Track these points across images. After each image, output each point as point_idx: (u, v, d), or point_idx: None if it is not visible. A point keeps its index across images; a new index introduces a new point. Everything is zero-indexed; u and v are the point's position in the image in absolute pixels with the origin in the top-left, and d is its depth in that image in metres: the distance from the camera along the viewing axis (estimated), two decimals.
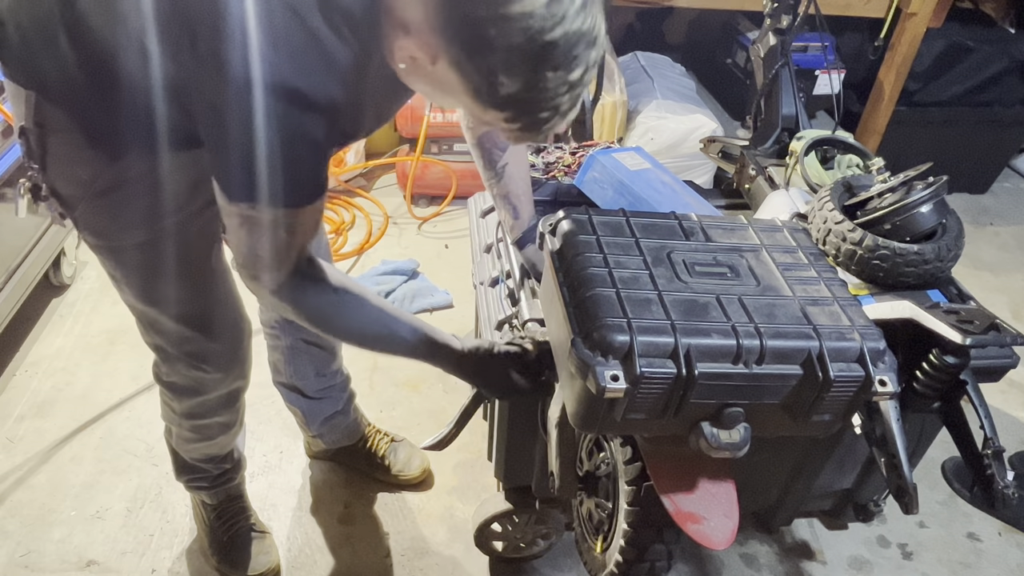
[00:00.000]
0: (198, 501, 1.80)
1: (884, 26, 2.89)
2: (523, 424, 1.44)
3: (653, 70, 3.26)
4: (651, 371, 0.94)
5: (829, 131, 1.74)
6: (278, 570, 1.79)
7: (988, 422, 1.14)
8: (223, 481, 1.74)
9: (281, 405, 1.92)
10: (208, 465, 1.69)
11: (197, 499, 1.80)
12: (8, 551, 1.79)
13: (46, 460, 1.99)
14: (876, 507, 1.55)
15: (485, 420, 1.87)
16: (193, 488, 1.76)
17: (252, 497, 1.86)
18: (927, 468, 2.05)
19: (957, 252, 1.29)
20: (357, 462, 2.00)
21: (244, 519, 1.79)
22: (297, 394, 1.83)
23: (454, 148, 3.03)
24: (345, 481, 2.00)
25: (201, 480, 1.72)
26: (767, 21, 1.90)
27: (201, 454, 1.66)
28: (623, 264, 1.06)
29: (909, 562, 1.91)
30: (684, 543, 1.18)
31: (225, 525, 1.77)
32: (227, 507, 1.78)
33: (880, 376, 0.98)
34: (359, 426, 1.98)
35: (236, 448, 1.74)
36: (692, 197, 1.61)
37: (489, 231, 1.70)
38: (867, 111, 3.21)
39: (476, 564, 1.82)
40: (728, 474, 1.10)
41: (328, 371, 1.82)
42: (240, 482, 1.80)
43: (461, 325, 2.50)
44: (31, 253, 2.24)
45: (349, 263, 2.79)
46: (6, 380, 2.21)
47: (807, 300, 1.04)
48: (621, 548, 1.21)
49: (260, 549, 1.77)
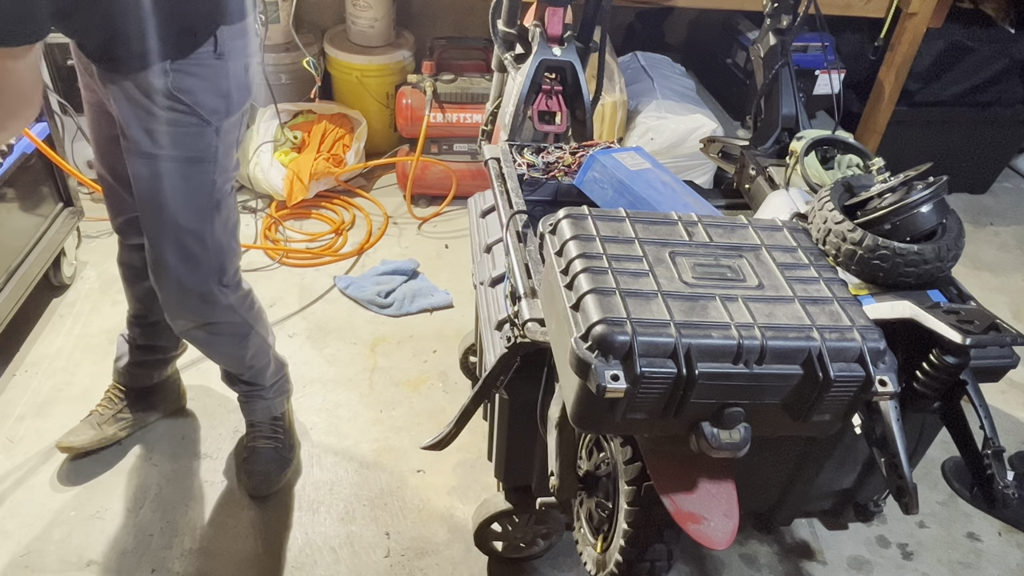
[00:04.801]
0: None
1: (884, 26, 2.89)
2: (523, 424, 1.44)
3: (653, 70, 3.26)
4: (651, 371, 0.94)
5: (829, 131, 1.74)
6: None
7: (988, 422, 1.14)
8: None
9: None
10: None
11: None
12: (8, 551, 1.79)
13: (46, 460, 1.99)
14: (876, 507, 1.55)
15: (485, 420, 1.87)
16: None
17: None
18: (927, 468, 2.06)
19: (957, 252, 1.29)
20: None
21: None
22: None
23: (454, 148, 3.03)
24: (345, 481, 2.00)
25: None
26: (767, 21, 1.90)
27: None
28: (623, 264, 1.06)
29: (909, 562, 1.91)
30: (684, 543, 1.18)
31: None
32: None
33: (880, 376, 0.98)
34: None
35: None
36: (692, 197, 1.61)
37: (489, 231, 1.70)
38: (867, 111, 3.21)
39: (476, 564, 1.82)
40: (728, 474, 1.10)
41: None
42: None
43: (461, 325, 2.50)
44: (31, 253, 2.24)
45: (349, 263, 2.79)
46: (6, 380, 2.21)
47: (807, 300, 1.04)
48: (621, 548, 1.21)
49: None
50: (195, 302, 1.65)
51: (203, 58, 1.40)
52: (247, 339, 1.78)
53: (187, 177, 1.50)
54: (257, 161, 2.92)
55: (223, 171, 1.54)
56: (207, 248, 1.58)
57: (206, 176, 1.52)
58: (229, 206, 1.60)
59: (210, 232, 1.57)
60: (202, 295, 1.64)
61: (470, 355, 2.15)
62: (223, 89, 1.46)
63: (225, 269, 1.65)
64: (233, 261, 1.67)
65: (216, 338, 1.75)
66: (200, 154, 1.49)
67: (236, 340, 1.77)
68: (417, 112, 2.95)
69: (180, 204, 1.52)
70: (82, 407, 2.05)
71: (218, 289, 1.65)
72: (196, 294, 1.63)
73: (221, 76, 1.45)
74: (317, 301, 2.60)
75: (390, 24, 3.22)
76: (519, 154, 1.66)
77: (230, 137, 1.53)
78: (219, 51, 1.42)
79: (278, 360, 1.95)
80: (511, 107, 1.77)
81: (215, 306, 1.67)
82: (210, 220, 1.56)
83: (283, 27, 3.11)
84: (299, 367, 2.27)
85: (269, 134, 2.99)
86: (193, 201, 1.53)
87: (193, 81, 1.41)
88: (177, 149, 1.46)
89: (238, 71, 1.48)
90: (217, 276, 1.63)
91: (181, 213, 1.52)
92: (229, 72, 1.46)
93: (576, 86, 1.79)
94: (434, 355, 2.41)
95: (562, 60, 1.76)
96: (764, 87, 1.89)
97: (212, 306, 1.66)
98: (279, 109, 3.00)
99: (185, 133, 1.45)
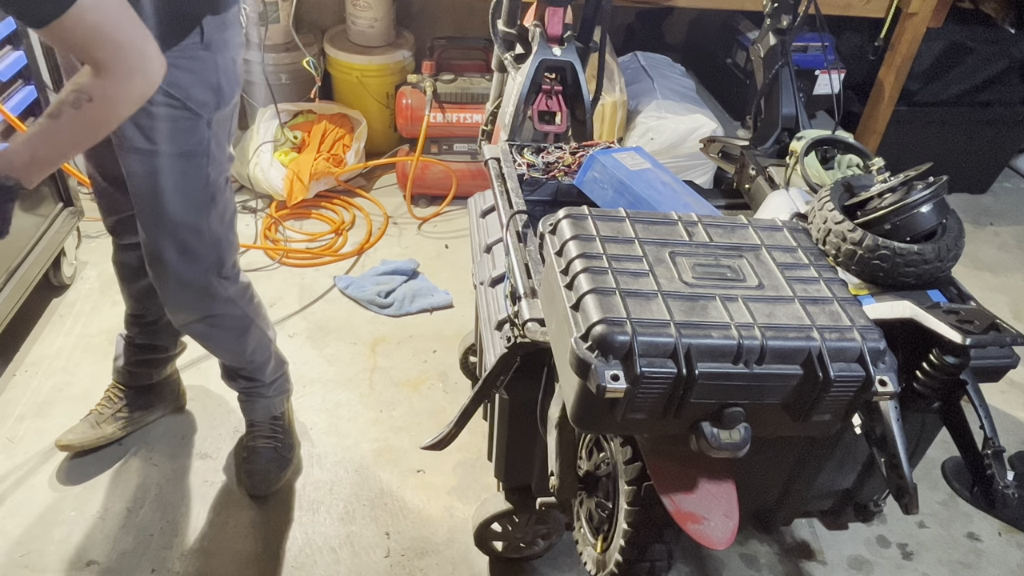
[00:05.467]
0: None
1: (884, 26, 2.89)
2: (523, 424, 1.44)
3: (653, 70, 3.26)
4: (651, 371, 0.94)
5: (829, 131, 1.74)
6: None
7: (988, 422, 1.14)
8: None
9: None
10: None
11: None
12: (8, 551, 1.79)
13: (46, 460, 1.99)
14: (876, 507, 1.55)
15: (485, 420, 1.87)
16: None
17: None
18: (927, 468, 2.06)
19: (957, 252, 1.29)
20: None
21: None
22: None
23: (454, 148, 3.03)
24: (345, 481, 2.00)
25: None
26: (767, 21, 1.90)
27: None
28: (623, 264, 1.07)
29: (909, 562, 1.91)
30: (684, 543, 1.18)
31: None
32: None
33: (880, 376, 0.98)
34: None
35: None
36: (692, 197, 1.61)
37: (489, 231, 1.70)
38: (867, 111, 3.21)
39: (476, 564, 1.82)
40: (728, 474, 1.10)
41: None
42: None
43: (461, 325, 2.50)
44: (31, 253, 2.24)
45: (349, 263, 2.79)
46: (6, 380, 2.21)
47: (807, 300, 1.04)
48: (621, 548, 1.21)
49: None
50: (195, 296, 1.65)
51: (190, 50, 1.40)
52: (248, 332, 1.79)
53: (181, 172, 1.50)
54: (257, 161, 2.92)
55: (216, 164, 1.55)
56: (204, 241, 1.59)
57: (200, 170, 1.52)
58: (225, 199, 1.61)
59: (207, 225, 1.58)
60: (201, 288, 1.64)
61: (470, 355, 2.15)
62: (212, 82, 1.46)
63: (223, 261, 1.65)
64: (231, 253, 1.68)
65: (217, 331, 1.75)
66: (193, 148, 1.49)
67: (237, 333, 1.77)
68: (417, 112, 2.95)
69: (175, 199, 1.52)
70: (82, 407, 2.05)
71: (217, 282, 1.65)
72: (195, 288, 1.64)
73: (210, 69, 1.45)
74: (317, 301, 2.60)
75: (390, 24, 3.22)
76: (519, 154, 1.66)
77: (222, 130, 1.53)
78: (205, 42, 1.41)
79: (278, 357, 1.95)
80: (511, 107, 1.77)
81: (215, 299, 1.67)
82: (206, 214, 1.56)
83: (283, 27, 3.11)
84: (299, 367, 2.27)
85: (269, 134, 2.99)
86: (188, 196, 1.53)
87: (182, 75, 1.40)
88: (170, 144, 1.46)
89: (226, 63, 1.48)
90: (216, 269, 1.64)
91: (177, 208, 1.52)
92: (218, 64, 1.45)
93: (576, 86, 1.79)
94: (434, 355, 2.41)
95: (562, 60, 1.76)
96: (764, 87, 1.89)
97: (212, 299, 1.67)
98: (279, 109, 3.00)
99: (177, 128, 1.45)
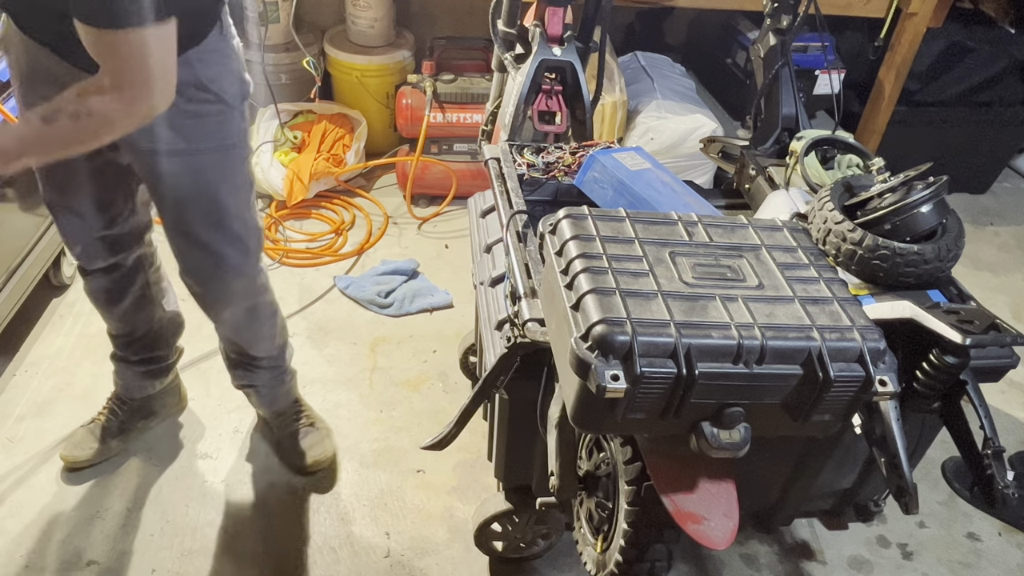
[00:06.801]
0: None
1: (884, 26, 2.89)
2: (523, 424, 1.44)
3: (653, 70, 3.26)
4: (651, 371, 0.94)
5: (829, 131, 1.74)
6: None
7: (988, 422, 1.14)
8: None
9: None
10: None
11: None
12: (8, 551, 1.79)
13: (46, 460, 1.99)
14: (876, 507, 1.55)
15: (485, 420, 1.87)
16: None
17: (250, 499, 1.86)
18: (927, 468, 2.06)
19: (957, 252, 1.29)
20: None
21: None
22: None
23: (454, 148, 3.03)
24: (345, 481, 2.00)
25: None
26: (767, 21, 1.90)
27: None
28: (623, 264, 1.07)
29: (909, 562, 1.91)
30: (684, 543, 1.18)
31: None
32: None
33: (880, 376, 0.98)
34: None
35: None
36: (692, 197, 1.61)
37: (489, 231, 1.70)
38: (867, 111, 3.21)
39: (476, 564, 1.82)
40: (728, 474, 1.10)
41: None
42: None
43: (461, 325, 2.50)
44: (31, 253, 2.24)
45: (349, 263, 2.79)
46: (6, 380, 2.21)
47: (807, 300, 1.04)
48: (621, 548, 1.21)
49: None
50: (245, 285, 1.67)
51: (213, 42, 1.38)
52: (276, 315, 1.82)
53: (227, 166, 1.50)
54: (257, 161, 2.92)
55: (250, 152, 1.57)
56: (250, 229, 1.61)
57: (242, 161, 1.53)
58: (253, 186, 1.63)
59: (251, 214, 1.60)
60: (252, 276, 1.66)
61: (470, 355, 2.15)
62: (236, 71, 1.46)
63: (262, 246, 1.68)
64: (263, 239, 1.71)
65: (257, 319, 1.76)
66: (234, 140, 1.49)
67: (270, 317, 1.80)
68: (417, 112, 2.95)
69: (226, 193, 1.52)
70: (82, 407, 2.05)
71: (257, 269, 1.68)
72: (248, 277, 1.66)
73: (232, 58, 1.44)
74: (317, 301, 2.60)
75: (390, 24, 3.22)
76: (519, 154, 1.66)
77: (247, 118, 1.55)
78: (223, 31, 1.41)
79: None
80: (511, 107, 1.77)
81: (255, 286, 1.69)
82: (248, 202, 1.58)
83: (283, 27, 3.11)
84: (299, 367, 2.26)
85: (269, 134, 2.99)
86: (235, 188, 1.54)
87: (213, 68, 1.39)
88: (214, 140, 1.46)
89: (238, 50, 1.48)
90: (258, 255, 1.67)
91: (229, 202, 1.53)
92: (234, 52, 1.45)
93: (576, 86, 1.79)
94: (434, 355, 2.41)
95: (562, 60, 1.76)
96: (764, 87, 1.89)
97: (255, 287, 1.69)
98: (279, 109, 3.00)
99: (218, 122, 1.45)
